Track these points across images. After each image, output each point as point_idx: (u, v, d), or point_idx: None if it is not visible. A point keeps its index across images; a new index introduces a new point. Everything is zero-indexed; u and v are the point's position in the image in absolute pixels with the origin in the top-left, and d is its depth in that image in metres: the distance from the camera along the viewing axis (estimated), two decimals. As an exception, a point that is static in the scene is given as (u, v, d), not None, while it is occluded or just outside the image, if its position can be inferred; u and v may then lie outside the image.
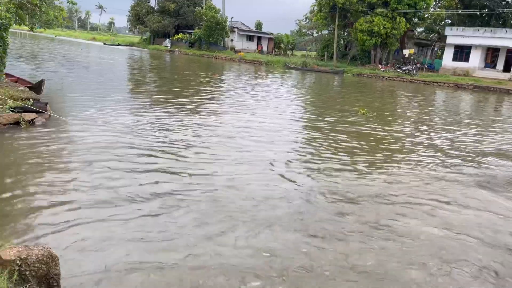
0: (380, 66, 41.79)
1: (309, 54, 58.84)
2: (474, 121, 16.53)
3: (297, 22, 69.56)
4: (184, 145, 8.94)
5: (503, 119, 18.16)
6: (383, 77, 38.02)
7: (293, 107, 16.94)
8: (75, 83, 18.23)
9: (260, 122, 12.48)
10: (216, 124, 11.58)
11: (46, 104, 10.12)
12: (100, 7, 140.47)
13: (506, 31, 38.25)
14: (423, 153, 10.16)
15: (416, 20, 44.36)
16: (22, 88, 10.93)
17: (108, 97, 14.85)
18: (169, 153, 8.26)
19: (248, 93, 20.31)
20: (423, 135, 12.51)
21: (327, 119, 14.07)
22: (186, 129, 10.57)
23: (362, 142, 10.72)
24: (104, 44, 71.22)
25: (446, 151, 10.58)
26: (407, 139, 11.83)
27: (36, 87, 11.98)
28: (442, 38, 44.61)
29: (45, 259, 3.45)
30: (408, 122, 14.78)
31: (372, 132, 12.34)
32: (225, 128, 11.10)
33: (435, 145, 11.22)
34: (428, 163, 9.22)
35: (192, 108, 13.95)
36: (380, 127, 13.28)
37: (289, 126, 12.41)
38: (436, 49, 48.79)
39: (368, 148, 10.19)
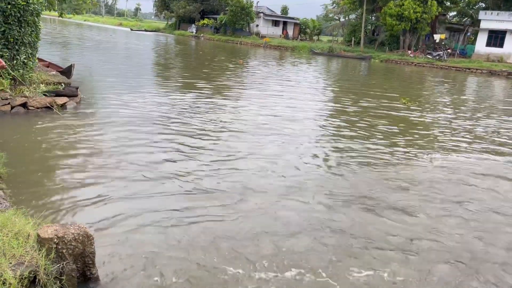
0: (409, 51, 40.63)
1: (336, 39, 57.78)
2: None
3: (324, 6, 68.16)
4: (218, 129, 8.97)
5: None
6: (412, 63, 36.99)
7: (324, 94, 16.72)
8: (104, 68, 18.53)
9: (289, 108, 12.39)
10: (253, 110, 11.55)
11: (77, 88, 10.31)
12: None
13: (544, 15, 36.44)
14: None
15: (448, 3, 42.79)
16: (54, 72, 11.16)
17: (136, 81, 15.04)
18: (199, 134, 8.32)
19: (276, 79, 20.15)
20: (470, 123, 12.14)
21: (363, 104, 13.83)
22: (217, 112, 10.59)
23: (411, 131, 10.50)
24: (131, 29, 71.96)
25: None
26: (453, 126, 11.51)
27: (66, 72, 12.22)
28: (476, 22, 42.88)
29: (81, 237, 3.53)
30: (449, 110, 14.34)
31: (418, 120, 12.06)
32: (263, 113, 11.07)
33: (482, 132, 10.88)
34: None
35: (223, 93, 13.96)
36: (427, 115, 12.96)
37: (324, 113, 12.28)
38: (468, 34, 46.97)
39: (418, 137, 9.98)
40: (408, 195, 6.18)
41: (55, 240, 3.41)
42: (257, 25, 59.36)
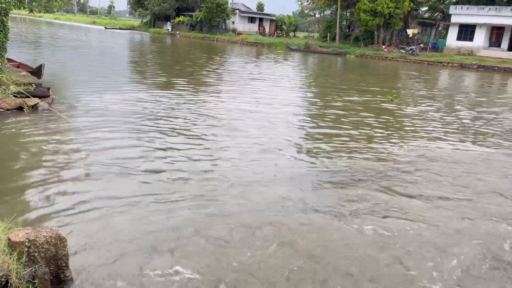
0: (384, 46, 41.30)
1: (312, 35, 58.14)
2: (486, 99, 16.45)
3: (299, 3, 68.46)
4: (194, 125, 8.96)
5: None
6: (386, 57, 37.65)
7: (300, 90, 16.86)
8: (77, 67, 18.17)
9: (266, 103, 12.47)
10: (230, 107, 11.57)
11: (49, 89, 10.11)
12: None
13: (511, 9, 37.59)
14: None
15: (419, -1, 43.63)
16: (24, 73, 10.90)
17: (111, 80, 14.83)
18: (172, 131, 8.29)
19: (253, 75, 20.20)
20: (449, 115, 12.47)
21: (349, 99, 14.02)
22: (193, 109, 10.57)
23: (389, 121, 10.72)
24: (105, 28, 70.57)
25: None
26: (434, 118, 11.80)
27: (37, 72, 11.94)
28: (446, 17, 43.90)
29: (53, 240, 3.51)
30: (427, 103, 14.69)
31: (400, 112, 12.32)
32: (243, 112, 11.10)
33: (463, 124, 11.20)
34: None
35: (200, 90, 13.91)
36: (408, 108, 13.24)
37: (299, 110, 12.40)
38: (440, 28, 48.05)
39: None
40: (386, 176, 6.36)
41: (27, 243, 3.38)
42: (233, 22, 59.16)
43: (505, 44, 38.93)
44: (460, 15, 39.94)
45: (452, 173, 7.22)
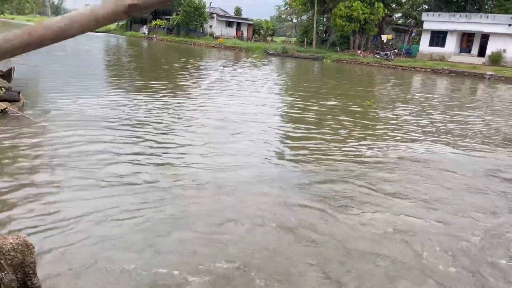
0: (359, 51, 42.09)
1: (289, 40, 58.70)
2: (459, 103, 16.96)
3: (277, 8, 69.12)
4: (167, 129, 8.90)
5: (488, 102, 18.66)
6: (362, 62, 38.36)
7: (279, 94, 16.98)
8: (50, 71, 17.80)
9: (244, 107, 12.50)
10: (211, 111, 11.53)
11: (19, 92, 9.86)
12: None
13: (481, 16, 38.97)
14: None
15: (393, 5, 44.76)
16: (-7, 76, 10.61)
17: (85, 84, 14.56)
18: (149, 135, 8.22)
19: (231, 79, 20.23)
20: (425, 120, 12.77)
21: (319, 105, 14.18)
22: (170, 113, 10.50)
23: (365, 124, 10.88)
24: (80, 30, 69.24)
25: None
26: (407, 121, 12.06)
27: (6, 75, 11.63)
28: (419, 23, 45.16)
29: (20, 247, 3.43)
30: (403, 107, 15.02)
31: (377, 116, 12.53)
32: (220, 115, 11.08)
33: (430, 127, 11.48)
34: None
35: (175, 94, 13.82)
36: (385, 113, 13.47)
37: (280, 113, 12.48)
38: (413, 34, 49.37)
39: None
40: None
41: (-8, 251, 3.30)
42: (210, 26, 59.14)
43: (475, 50, 40.29)
44: (432, 21, 41.14)
45: (426, 173, 7.42)
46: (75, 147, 7.37)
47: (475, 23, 38.59)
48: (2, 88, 9.60)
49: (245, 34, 62.11)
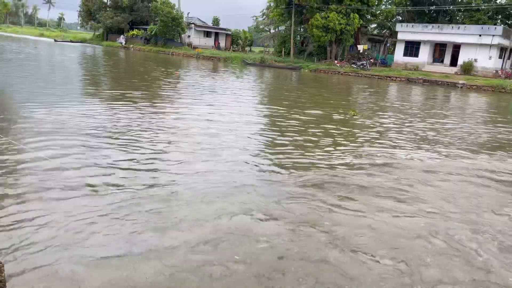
0: (336, 61, 42.74)
1: (267, 50, 59.18)
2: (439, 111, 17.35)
3: (254, 18, 69.67)
4: (146, 138, 8.73)
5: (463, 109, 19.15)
6: (339, 72, 38.93)
7: (261, 104, 16.99)
8: (22, 81, 17.31)
9: (227, 116, 12.43)
10: (191, 119, 11.39)
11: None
12: (48, 1, 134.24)
13: (452, 27, 40.27)
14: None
15: (369, 16, 45.75)
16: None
17: (60, 94, 14.21)
18: (128, 145, 8.04)
19: (211, 88, 20.15)
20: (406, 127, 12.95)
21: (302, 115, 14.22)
22: (145, 123, 10.32)
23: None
24: (55, 40, 68.19)
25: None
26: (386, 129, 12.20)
27: (-21, 86, 11.26)
28: (394, 34, 46.30)
29: (-9, 265, 3.26)
30: (383, 115, 15.23)
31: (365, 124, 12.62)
32: (201, 124, 10.95)
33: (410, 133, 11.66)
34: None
35: (155, 104, 13.63)
36: (367, 121, 13.60)
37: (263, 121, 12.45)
38: (388, 44, 50.57)
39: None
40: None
41: (-39, 269, 3.11)
42: (188, 36, 59.09)
43: (447, 59, 41.54)
44: (406, 32, 42.26)
45: (410, 178, 7.50)
46: (46, 161, 7.14)
47: (447, 34, 39.84)
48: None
49: (223, 44, 62.30)
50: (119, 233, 4.82)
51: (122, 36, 62.28)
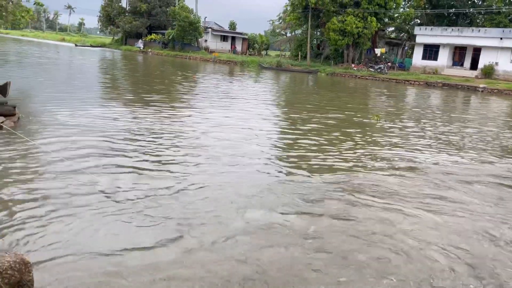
0: (353, 65, 42.49)
1: (283, 54, 59.21)
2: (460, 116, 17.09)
3: (271, 22, 69.94)
4: (174, 144, 8.82)
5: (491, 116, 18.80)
6: (356, 76, 38.66)
7: (279, 108, 17.00)
8: (46, 85, 17.71)
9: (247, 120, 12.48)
10: (208, 124, 11.48)
11: (15, 107, 9.78)
12: (69, 7, 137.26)
13: (473, 30, 39.61)
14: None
15: (386, 20, 45.36)
16: (-12, 91, 10.52)
17: (81, 98, 14.49)
18: (148, 153, 8.14)
19: (229, 92, 20.27)
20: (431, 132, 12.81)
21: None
22: (164, 127, 10.43)
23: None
24: (76, 45, 69.61)
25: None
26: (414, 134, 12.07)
27: (2, 90, 11.55)
28: (412, 37, 45.79)
29: (17, 265, 3.34)
30: (407, 119, 15.10)
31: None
32: (221, 129, 11.03)
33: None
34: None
35: (174, 107, 13.78)
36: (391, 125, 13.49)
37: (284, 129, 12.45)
38: (406, 48, 50.03)
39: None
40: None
41: (-11, 269, 3.20)
42: (205, 40, 59.58)
43: (467, 63, 40.84)
44: (425, 35, 41.74)
45: (443, 181, 7.39)
46: (70, 164, 7.27)
47: (467, 37, 39.19)
48: (-3, 103, 9.51)
49: (239, 48, 62.58)
50: (147, 236, 4.87)
51: (140, 40, 63.19)
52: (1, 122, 9.01)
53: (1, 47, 43.86)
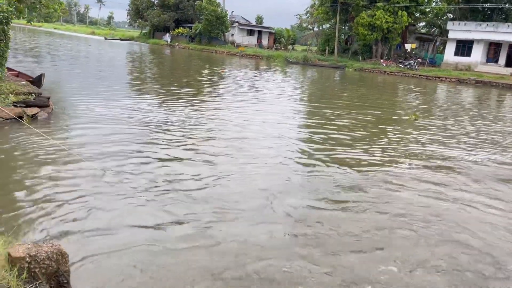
0: (382, 61, 41.59)
1: (310, 48, 58.59)
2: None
3: (298, 16, 69.12)
4: (205, 137, 8.84)
5: None
6: (384, 72, 37.85)
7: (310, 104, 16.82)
8: (77, 77, 18.09)
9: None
10: (242, 121, 11.47)
11: (48, 98, 10.00)
12: (99, 1, 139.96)
13: (508, 25, 38.06)
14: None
15: (417, 14, 44.15)
16: (24, 82, 10.79)
17: (110, 91, 14.73)
18: (179, 143, 8.17)
19: (257, 87, 20.22)
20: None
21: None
22: (195, 120, 10.46)
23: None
24: (105, 38, 70.93)
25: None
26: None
27: (36, 81, 11.86)
28: (444, 32, 44.41)
29: (54, 256, 3.37)
30: (443, 118, 14.70)
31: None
32: (248, 123, 11.00)
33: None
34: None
35: (203, 101, 13.82)
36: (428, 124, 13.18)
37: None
38: (437, 43, 48.57)
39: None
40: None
41: (27, 259, 3.23)
42: (232, 34, 59.59)
43: (502, 60, 39.34)
44: (458, 31, 40.42)
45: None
46: (104, 155, 7.37)
47: (503, 33, 37.73)
48: (32, 94, 9.74)
49: (265, 43, 62.30)
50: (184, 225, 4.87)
51: (168, 34, 63.76)
52: (36, 113, 9.23)
53: (35, 40, 45.13)
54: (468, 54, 40.11)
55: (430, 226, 5.53)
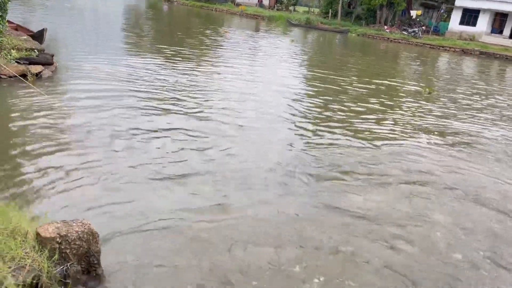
0: (386, 27, 40.56)
1: (312, 10, 56.93)
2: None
3: (300, -25, 66.72)
4: (204, 102, 8.56)
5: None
6: (388, 38, 36.97)
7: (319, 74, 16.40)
8: (76, 33, 17.34)
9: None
10: (242, 83, 11.12)
11: (53, 55, 9.55)
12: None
13: (518, -4, 37.06)
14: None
15: (425, -21, 42.75)
16: (25, 37, 10.26)
17: (111, 47, 14.20)
18: (182, 106, 7.90)
19: (260, 50, 19.65)
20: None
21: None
22: (196, 84, 10.12)
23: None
24: (98, -10, 68.06)
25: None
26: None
27: (38, 36, 11.29)
28: (450, 0, 43.20)
29: (85, 236, 3.20)
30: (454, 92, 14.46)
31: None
32: (251, 85, 10.68)
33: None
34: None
35: (205, 61, 13.37)
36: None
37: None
38: (442, 11, 47.35)
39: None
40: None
41: (58, 239, 3.06)
42: (232, -8, 57.48)
43: (507, 31, 38.57)
44: (465, -1, 39.32)
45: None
46: (120, 119, 7.10)
47: (510, 3, 36.74)
48: (35, 50, 9.29)
49: (266, 2, 60.28)
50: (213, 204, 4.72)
51: (165, -11, 61.29)
52: (40, 72, 8.82)
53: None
54: (474, 24, 39.23)
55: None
